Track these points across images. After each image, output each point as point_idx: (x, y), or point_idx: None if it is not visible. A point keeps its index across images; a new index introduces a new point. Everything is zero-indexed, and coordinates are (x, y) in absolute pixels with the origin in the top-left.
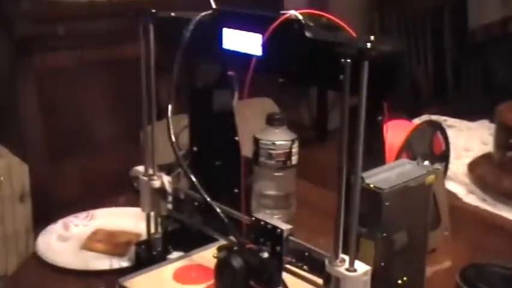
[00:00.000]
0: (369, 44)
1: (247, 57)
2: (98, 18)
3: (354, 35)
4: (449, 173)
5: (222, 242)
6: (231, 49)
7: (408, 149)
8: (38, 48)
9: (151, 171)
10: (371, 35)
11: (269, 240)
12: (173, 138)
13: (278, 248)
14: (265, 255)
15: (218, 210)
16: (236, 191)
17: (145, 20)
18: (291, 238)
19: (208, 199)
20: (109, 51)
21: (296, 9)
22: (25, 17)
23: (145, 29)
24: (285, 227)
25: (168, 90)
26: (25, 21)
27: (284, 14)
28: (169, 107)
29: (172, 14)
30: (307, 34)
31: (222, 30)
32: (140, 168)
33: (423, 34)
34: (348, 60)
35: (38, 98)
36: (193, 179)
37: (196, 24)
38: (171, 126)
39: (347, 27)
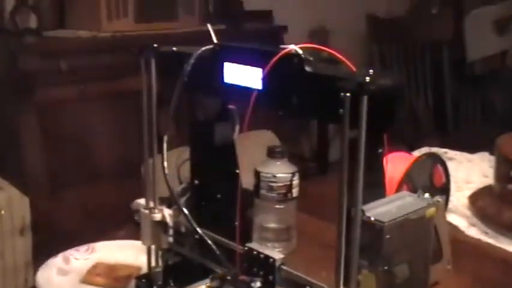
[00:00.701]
0: (368, 78)
1: (247, 90)
2: (101, 53)
3: (353, 69)
4: (450, 205)
5: None
6: (232, 83)
7: (409, 182)
8: (41, 82)
9: (152, 204)
10: (371, 69)
11: (262, 269)
12: (166, 171)
13: (271, 278)
14: (258, 284)
15: (208, 240)
16: (236, 223)
17: (147, 55)
18: (284, 267)
19: (198, 228)
20: (111, 84)
21: (296, 44)
22: (29, 51)
23: (147, 63)
24: (278, 256)
25: (164, 121)
26: (29, 55)
27: (284, 48)
28: (165, 138)
29: (174, 48)
30: (307, 68)
31: (223, 64)
32: (142, 201)
33: (422, 66)
34: (348, 94)
35: (39, 130)
36: (185, 211)
37: (197, 58)
38: (165, 158)
39: (346, 61)
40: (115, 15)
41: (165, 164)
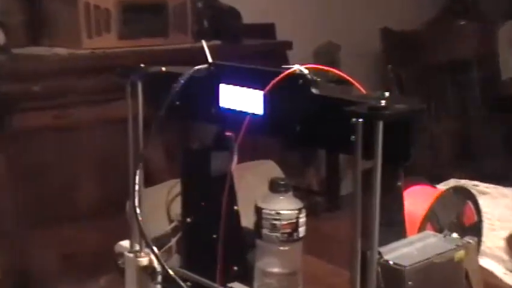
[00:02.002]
0: (383, 102)
1: (246, 116)
2: (80, 73)
3: (364, 91)
4: (482, 247)
5: None
6: (229, 107)
7: (433, 220)
8: (11, 107)
9: (137, 247)
10: (386, 91)
11: None
12: (137, 210)
13: None
14: None
15: (181, 283)
16: (236, 268)
17: (132, 76)
18: None
19: (170, 271)
20: (93, 110)
21: (302, 63)
22: None
23: (133, 85)
24: None
25: (139, 151)
26: None
27: (288, 68)
28: (137, 171)
29: (163, 68)
30: (314, 90)
31: (218, 86)
32: (126, 243)
33: (444, 86)
34: (360, 120)
35: (7, 161)
36: (155, 250)
37: (189, 79)
38: (136, 196)
39: (356, 84)
40: (96, 31)
41: (136, 202)
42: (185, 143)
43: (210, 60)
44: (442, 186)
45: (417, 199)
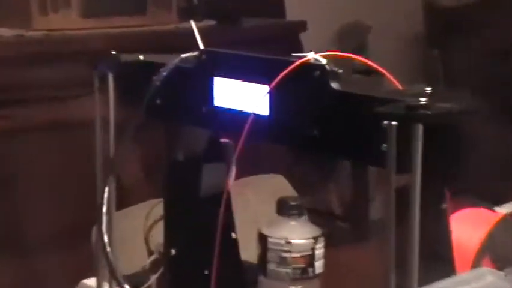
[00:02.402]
0: (423, 100)
1: (247, 118)
2: (30, 62)
3: (399, 86)
4: None
5: None
6: (225, 107)
7: (491, 253)
8: None
9: (106, 286)
10: (427, 86)
11: None
12: (106, 239)
13: None
14: None
15: None
16: None
17: (100, 67)
18: None
19: None
20: (48, 110)
21: (318, 50)
22: None
23: (102, 79)
24: None
25: (110, 163)
26: None
27: (301, 57)
28: (106, 188)
29: (141, 57)
30: (334, 85)
31: (212, 80)
32: (91, 282)
33: (503, 81)
34: (394, 123)
35: None
36: None
37: (174, 71)
38: (104, 210)
39: (390, 76)
40: (52, 7)
41: (104, 228)
42: (169, 152)
43: (200, 46)
44: (502, 209)
45: (469, 225)
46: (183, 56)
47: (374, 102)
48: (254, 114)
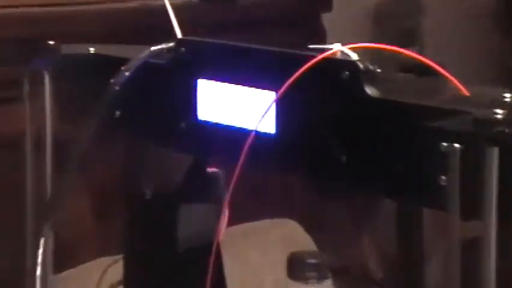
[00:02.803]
0: (501, 112)
1: (246, 137)
2: None
3: (465, 91)
4: None
5: None
6: (214, 121)
7: None
8: None
9: None
10: (506, 91)
11: None
12: None
13: None
14: None
15: None
16: None
17: (33, 63)
18: None
19: None
20: None
21: (346, 42)
22: None
23: (34, 79)
24: None
25: (46, 199)
26: None
27: (322, 50)
28: (42, 242)
29: (91, 49)
30: (370, 91)
31: (195, 83)
32: None
33: None
34: (458, 145)
35: None
36: None
37: (140, 70)
38: (38, 271)
39: (452, 78)
40: None
41: None
42: (132, 186)
43: (178, 34)
44: None
45: None
46: (153, 48)
47: (429, 115)
48: (255, 132)
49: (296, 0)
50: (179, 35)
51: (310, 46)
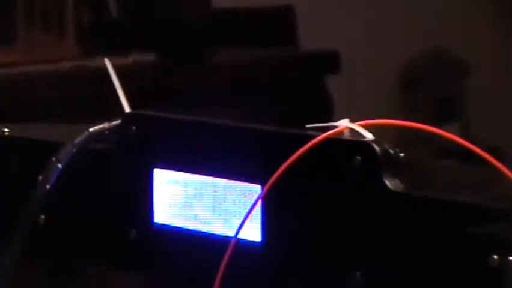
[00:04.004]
0: None
1: (222, 248)
2: None
3: None
4: None
5: None
6: (177, 226)
7: None
8: None
9: None
10: None
11: None
12: None
13: None
14: None
15: None
16: None
17: None
18: None
19: None
20: None
21: (357, 120)
22: None
23: None
24: None
25: None
26: None
27: (325, 128)
28: None
29: (5, 130)
30: (390, 183)
31: (150, 174)
32: None
33: None
34: None
35: None
36: None
37: (75, 159)
38: None
39: (502, 167)
40: None
41: None
42: None
43: (126, 107)
44: None
45: None
46: (92, 129)
47: (474, 217)
48: (236, 240)
49: (288, 56)
50: (127, 108)
51: (308, 127)
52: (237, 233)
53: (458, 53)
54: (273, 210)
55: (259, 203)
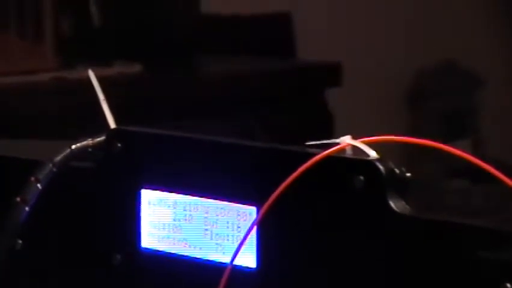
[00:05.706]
0: None
1: (216, 275)
2: None
3: None
4: None
5: None
6: (164, 251)
7: None
8: None
9: None
10: None
11: None
12: None
13: None
14: None
15: None
16: None
17: None
18: None
19: None
20: None
21: (361, 137)
22: None
23: None
24: None
25: None
26: None
27: (326, 145)
28: None
29: None
30: (395, 205)
31: (137, 195)
32: None
33: None
34: None
35: None
36: None
37: (55, 180)
38: None
39: None
40: None
41: None
42: None
43: (111, 123)
44: None
45: None
46: (74, 146)
47: (487, 241)
48: (231, 266)
49: (287, 67)
50: (112, 123)
51: (308, 143)
52: (232, 260)
53: (470, 66)
54: (270, 234)
55: (255, 223)
